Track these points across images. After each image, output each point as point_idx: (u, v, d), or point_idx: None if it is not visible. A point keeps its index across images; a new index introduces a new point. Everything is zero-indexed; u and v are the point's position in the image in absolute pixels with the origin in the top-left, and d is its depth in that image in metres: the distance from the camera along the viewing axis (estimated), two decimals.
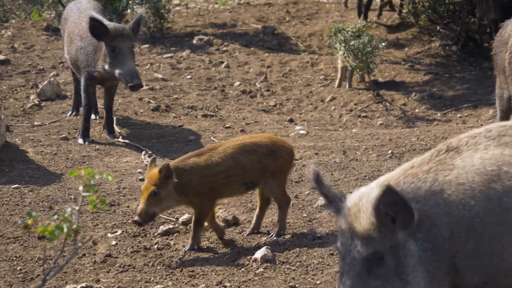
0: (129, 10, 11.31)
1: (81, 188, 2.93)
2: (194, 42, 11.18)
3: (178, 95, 9.00)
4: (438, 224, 3.22)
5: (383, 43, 9.26)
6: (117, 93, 8.00)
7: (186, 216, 5.52)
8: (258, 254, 4.88)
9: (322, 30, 11.71)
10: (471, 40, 10.58)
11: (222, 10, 13.48)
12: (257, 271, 4.75)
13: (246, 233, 5.30)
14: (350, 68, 9.17)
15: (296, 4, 13.62)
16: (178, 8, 13.76)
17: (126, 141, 7.43)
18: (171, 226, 5.39)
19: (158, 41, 11.22)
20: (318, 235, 5.23)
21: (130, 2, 11.09)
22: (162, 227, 5.37)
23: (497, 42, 6.39)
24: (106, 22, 7.17)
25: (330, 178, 6.29)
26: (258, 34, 11.71)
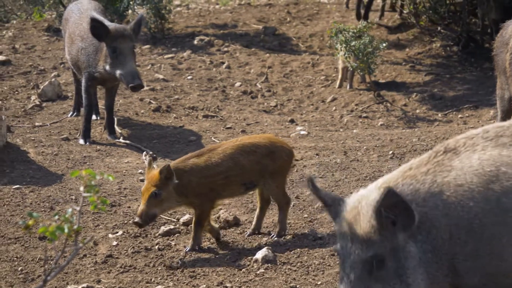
0: (130, 11, 11.31)
1: (82, 188, 2.93)
2: (195, 42, 11.18)
3: (179, 96, 9.00)
4: (438, 225, 3.22)
5: (384, 44, 9.25)
6: (118, 93, 8.01)
7: (187, 216, 5.53)
8: (259, 254, 4.88)
9: (323, 31, 11.71)
10: (472, 40, 10.58)
11: (223, 10, 13.49)
12: (258, 272, 4.75)
13: (247, 233, 5.31)
14: (351, 68, 9.16)
15: (297, 4, 13.63)
16: (179, 8, 13.77)
17: (127, 141, 7.43)
18: (172, 227, 5.40)
19: (159, 41, 11.22)
20: (319, 236, 5.23)
21: (131, 2, 11.09)
22: (163, 228, 5.38)
23: (497, 42, 6.39)
24: (107, 22, 7.17)
25: (331, 179, 6.29)
26: (259, 35, 11.71)
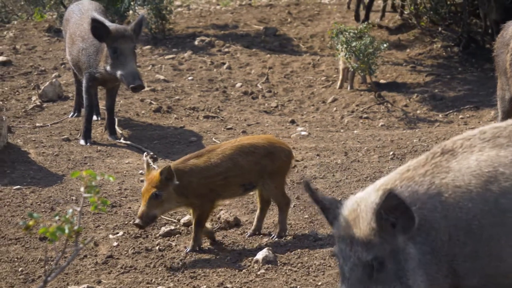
0: (131, 11, 11.31)
1: (82, 189, 2.93)
2: (196, 43, 11.18)
3: (179, 96, 9.00)
4: (437, 227, 3.21)
5: (385, 44, 9.25)
6: (118, 94, 8.01)
7: (187, 217, 5.52)
8: (260, 255, 4.88)
9: (323, 31, 11.71)
10: (473, 41, 10.58)
11: (224, 11, 13.49)
12: (258, 272, 4.75)
13: (247, 234, 5.31)
14: (352, 69, 9.17)
15: (297, 5, 13.63)
16: (179, 9, 13.77)
17: (128, 142, 7.43)
18: (173, 227, 5.40)
19: (159, 42, 11.22)
20: (320, 237, 5.23)
21: (132, 3, 11.10)
22: (163, 228, 5.38)
23: (498, 43, 6.39)
24: (107, 23, 7.17)
25: (331, 180, 6.29)
26: (260, 35, 11.72)
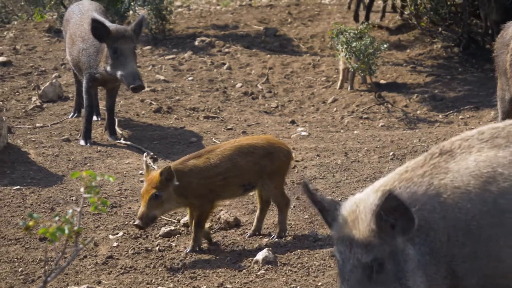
0: (131, 12, 11.32)
1: (82, 189, 2.93)
2: (196, 43, 11.18)
3: (180, 97, 9.00)
4: (435, 228, 3.21)
5: (385, 45, 9.25)
6: (119, 94, 8.01)
7: (187, 217, 5.52)
8: (260, 255, 4.88)
9: (324, 32, 11.71)
10: (473, 41, 10.58)
11: (224, 11, 13.49)
12: (258, 273, 4.75)
13: (247, 234, 5.31)
14: (352, 69, 9.17)
15: (298, 5, 13.63)
16: (180, 9, 13.77)
17: (128, 142, 7.42)
18: (173, 228, 5.39)
19: (160, 42, 11.22)
20: (320, 237, 5.23)
21: (132, 3, 11.10)
22: (163, 229, 5.38)
23: (498, 43, 6.38)
24: (108, 23, 7.17)
25: (331, 180, 6.29)
26: (260, 36, 11.72)
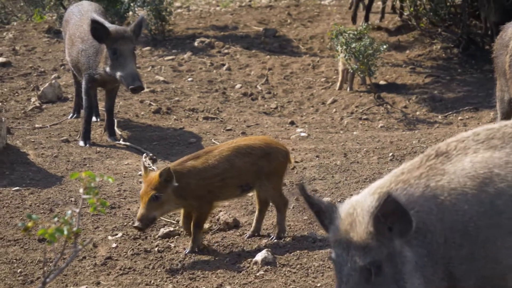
0: (130, 13, 11.32)
1: (81, 190, 2.93)
2: (196, 44, 11.18)
3: (179, 98, 9.00)
4: (432, 230, 3.20)
5: (384, 46, 9.26)
6: (118, 95, 8.00)
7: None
8: (259, 256, 4.88)
9: (323, 33, 11.71)
10: (473, 42, 10.58)
11: (224, 12, 13.49)
12: (257, 274, 4.75)
13: (246, 235, 5.30)
14: (351, 70, 9.17)
15: (297, 6, 13.64)
16: (179, 10, 13.77)
17: (127, 143, 7.42)
18: (172, 229, 5.39)
19: (159, 43, 11.23)
20: (319, 238, 5.23)
21: (131, 4, 11.10)
22: (162, 230, 5.38)
23: (497, 44, 6.39)
24: (107, 24, 7.18)
25: (331, 181, 6.29)
26: (260, 37, 11.72)
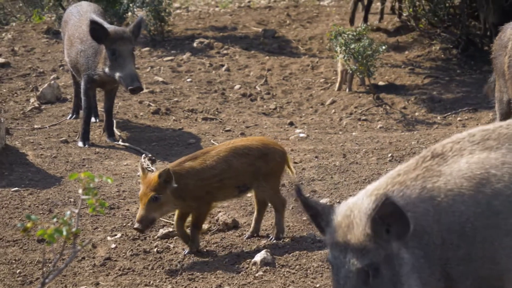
0: (129, 13, 11.32)
1: (80, 191, 2.93)
2: (195, 45, 11.18)
3: (178, 98, 9.00)
4: (429, 231, 3.19)
5: (383, 47, 9.26)
6: (117, 96, 8.00)
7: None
8: (258, 257, 4.88)
9: (322, 33, 11.71)
10: (472, 43, 10.58)
11: (223, 13, 13.50)
12: (256, 274, 4.75)
13: (245, 236, 5.31)
14: (350, 71, 9.17)
15: (296, 7, 13.64)
16: (178, 11, 13.77)
17: (126, 144, 7.42)
18: (171, 229, 5.39)
19: (158, 44, 11.23)
20: (318, 238, 5.22)
21: (130, 5, 11.11)
22: (161, 230, 5.37)
23: (496, 45, 6.39)
24: (106, 25, 7.18)
25: (330, 182, 6.29)
26: (259, 37, 11.72)
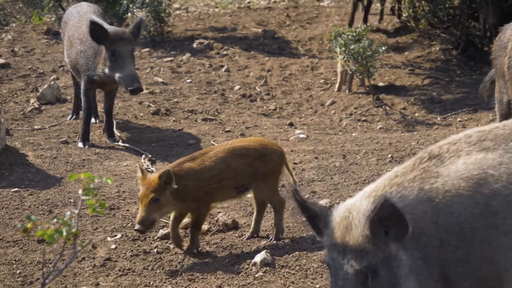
0: (129, 14, 11.32)
1: (80, 191, 2.93)
2: (194, 46, 11.18)
3: (178, 99, 9.00)
4: (427, 233, 3.18)
5: (383, 47, 9.26)
6: (117, 96, 8.00)
7: (185, 220, 5.52)
8: (258, 258, 4.88)
9: (322, 34, 11.71)
10: (471, 44, 10.58)
11: (223, 14, 13.50)
12: (256, 275, 4.75)
13: (245, 237, 5.31)
14: (350, 72, 9.17)
15: (296, 8, 13.64)
16: (178, 12, 13.78)
17: (126, 145, 7.42)
18: None
19: (158, 44, 11.23)
20: (318, 239, 5.22)
21: (130, 6, 11.11)
22: (161, 231, 5.37)
23: (496, 46, 6.39)
24: (106, 25, 7.18)
25: (329, 182, 6.29)
26: (258, 38, 11.72)
